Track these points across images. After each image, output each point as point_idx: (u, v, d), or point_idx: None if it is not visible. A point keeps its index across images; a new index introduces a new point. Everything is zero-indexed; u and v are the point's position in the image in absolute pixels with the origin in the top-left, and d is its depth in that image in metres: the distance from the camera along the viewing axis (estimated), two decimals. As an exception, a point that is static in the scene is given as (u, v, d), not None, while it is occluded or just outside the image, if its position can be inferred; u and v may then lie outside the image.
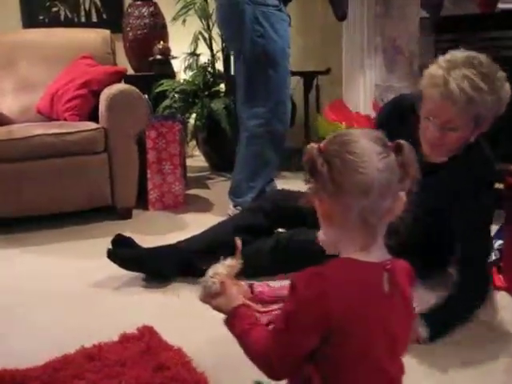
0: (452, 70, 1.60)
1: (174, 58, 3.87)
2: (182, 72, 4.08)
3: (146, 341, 1.67)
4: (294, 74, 3.24)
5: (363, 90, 3.62)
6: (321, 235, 1.79)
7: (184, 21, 3.82)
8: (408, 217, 0.97)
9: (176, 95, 3.68)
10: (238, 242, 1.13)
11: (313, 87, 3.73)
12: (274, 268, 2.08)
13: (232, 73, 3.69)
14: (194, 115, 3.78)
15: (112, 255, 2.11)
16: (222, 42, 3.84)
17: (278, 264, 2.08)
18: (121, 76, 3.25)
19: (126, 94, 2.86)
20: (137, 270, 2.17)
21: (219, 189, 3.51)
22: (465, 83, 1.58)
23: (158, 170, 3.14)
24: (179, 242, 2.20)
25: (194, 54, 3.98)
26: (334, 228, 0.98)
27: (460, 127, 1.66)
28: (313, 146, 0.96)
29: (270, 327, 0.98)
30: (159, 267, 2.13)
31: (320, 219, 1.00)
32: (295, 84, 3.62)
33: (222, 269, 1.16)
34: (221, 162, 3.94)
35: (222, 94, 3.85)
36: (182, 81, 3.89)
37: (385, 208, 0.93)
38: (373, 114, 3.43)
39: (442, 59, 1.67)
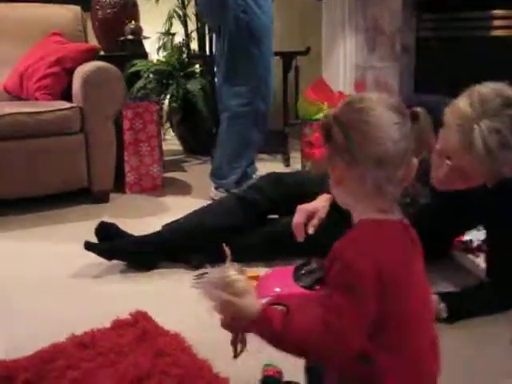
0: (482, 117, 1.35)
1: (145, 37, 3.73)
2: (155, 52, 3.95)
3: (141, 326, 1.57)
4: (272, 54, 3.14)
5: (343, 70, 3.56)
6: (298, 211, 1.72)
7: (158, -1, 3.70)
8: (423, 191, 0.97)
9: (150, 75, 3.55)
10: (227, 250, 1.05)
11: (292, 68, 3.65)
12: (267, 255, 2.05)
13: (207, 52, 3.58)
14: (168, 96, 3.66)
15: (89, 247, 2.00)
16: (197, 20, 3.73)
17: (272, 252, 2.04)
18: (94, 54, 3.10)
19: (103, 71, 2.72)
20: (117, 260, 2.06)
21: (196, 171, 3.45)
22: (492, 137, 1.35)
23: (135, 151, 3.03)
24: (164, 227, 2.12)
25: (168, 34, 3.85)
26: (347, 193, 0.97)
27: (474, 177, 1.48)
28: (330, 111, 0.96)
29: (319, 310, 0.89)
30: (140, 260, 2.03)
31: (332, 183, 0.98)
32: (274, 64, 3.53)
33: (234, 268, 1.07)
34: (196, 144, 3.84)
35: (198, 75, 3.74)
36: (155, 61, 3.76)
37: (400, 176, 0.93)
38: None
39: (476, 93, 1.39)
